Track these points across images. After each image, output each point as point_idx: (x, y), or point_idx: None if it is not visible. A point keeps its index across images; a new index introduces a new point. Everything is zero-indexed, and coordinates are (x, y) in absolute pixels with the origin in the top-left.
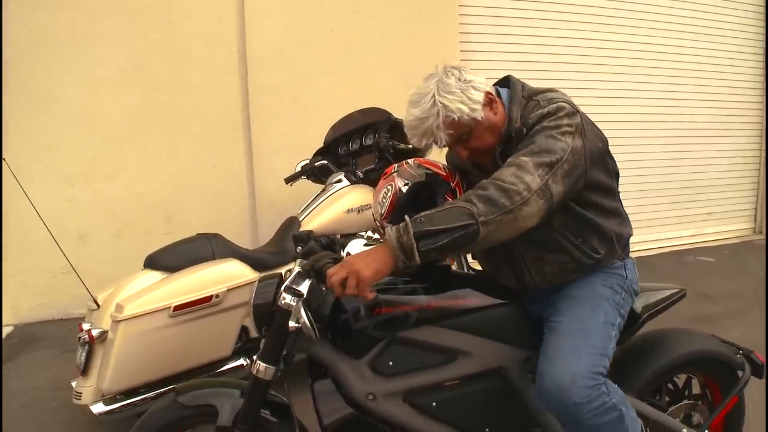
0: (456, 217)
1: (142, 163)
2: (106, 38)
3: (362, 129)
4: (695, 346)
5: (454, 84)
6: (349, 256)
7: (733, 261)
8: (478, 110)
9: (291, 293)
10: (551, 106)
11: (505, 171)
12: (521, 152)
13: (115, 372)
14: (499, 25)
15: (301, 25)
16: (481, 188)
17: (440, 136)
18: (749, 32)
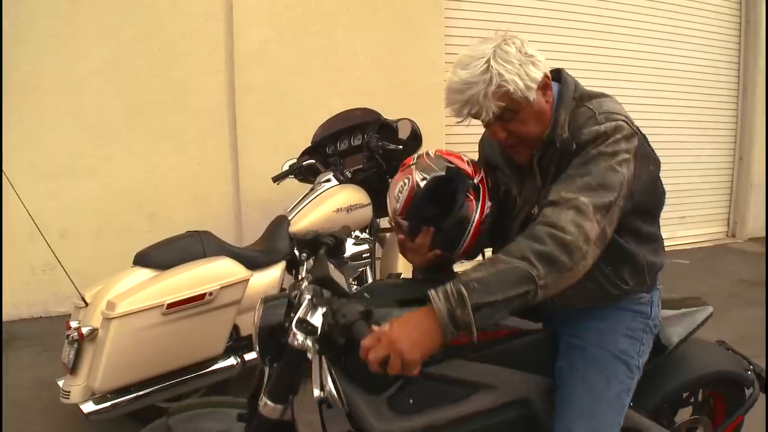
0: (515, 282)
1: (126, 160)
2: (91, 32)
3: (351, 129)
4: (714, 366)
5: (513, 53)
6: (389, 328)
7: (708, 263)
8: (533, 89)
9: (304, 330)
10: (609, 124)
11: (563, 215)
12: (577, 185)
13: (106, 370)
14: (484, 29)
15: (287, 25)
16: (537, 240)
17: (487, 106)
18: (725, 43)
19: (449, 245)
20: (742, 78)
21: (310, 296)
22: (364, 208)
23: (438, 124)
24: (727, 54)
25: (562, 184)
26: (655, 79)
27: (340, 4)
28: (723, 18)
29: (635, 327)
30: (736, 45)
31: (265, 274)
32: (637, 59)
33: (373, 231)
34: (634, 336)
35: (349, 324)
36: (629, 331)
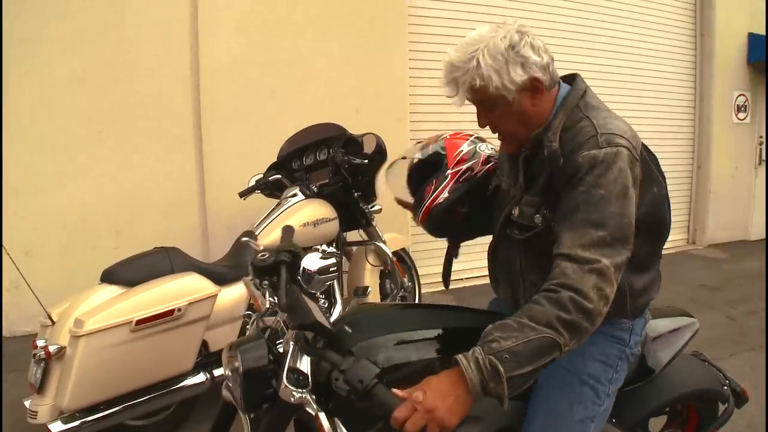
0: (544, 352)
1: (91, 176)
2: (56, 46)
3: (316, 144)
4: (695, 383)
5: (503, 50)
6: (422, 397)
7: (669, 270)
8: (511, 91)
9: (295, 383)
10: (609, 150)
11: (586, 280)
12: (592, 238)
13: (75, 388)
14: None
15: (253, 40)
16: (563, 308)
17: (461, 93)
18: (681, 55)
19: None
20: (698, 89)
21: (295, 343)
22: (331, 222)
23: (403, 138)
24: (683, 66)
25: (574, 231)
26: (614, 91)
27: (306, 19)
28: (679, 32)
29: (610, 353)
30: (692, 57)
31: (233, 289)
32: (596, 72)
33: (340, 245)
34: (607, 362)
35: (369, 389)
36: (602, 356)
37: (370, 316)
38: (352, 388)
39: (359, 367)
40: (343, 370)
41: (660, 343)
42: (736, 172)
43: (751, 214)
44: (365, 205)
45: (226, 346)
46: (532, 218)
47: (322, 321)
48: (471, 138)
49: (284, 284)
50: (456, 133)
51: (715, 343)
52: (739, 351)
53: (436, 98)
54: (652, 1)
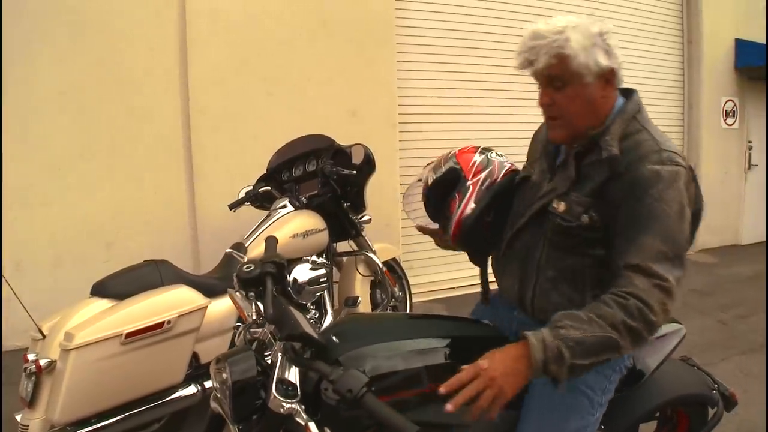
0: (605, 350)
1: (82, 190)
2: (44, 61)
3: (306, 155)
4: (684, 388)
5: (594, 33)
6: (488, 364)
7: None
8: (591, 71)
9: (284, 394)
10: (671, 168)
11: (655, 295)
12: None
13: (66, 402)
14: (436, 54)
15: (242, 52)
16: (630, 315)
17: (543, 59)
18: (669, 62)
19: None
20: (686, 95)
21: (283, 354)
22: (320, 233)
23: (392, 148)
24: (671, 72)
25: (639, 243)
26: None
27: (294, 30)
28: (666, 39)
29: (605, 364)
30: (680, 64)
31: (223, 301)
32: None
33: (330, 255)
34: (603, 373)
35: (358, 398)
36: (599, 367)
37: (358, 326)
38: (341, 398)
39: (348, 376)
40: (333, 380)
41: (648, 349)
42: (726, 177)
43: (741, 218)
44: (355, 216)
45: (214, 359)
46: (579, 216)
47: (309, 332)
48: (479, 149)
49: (270, 295)
50: (462, 148)
51: (706, 348)
52: (730, 355)
53: (424, 108)
54: (639, 9)
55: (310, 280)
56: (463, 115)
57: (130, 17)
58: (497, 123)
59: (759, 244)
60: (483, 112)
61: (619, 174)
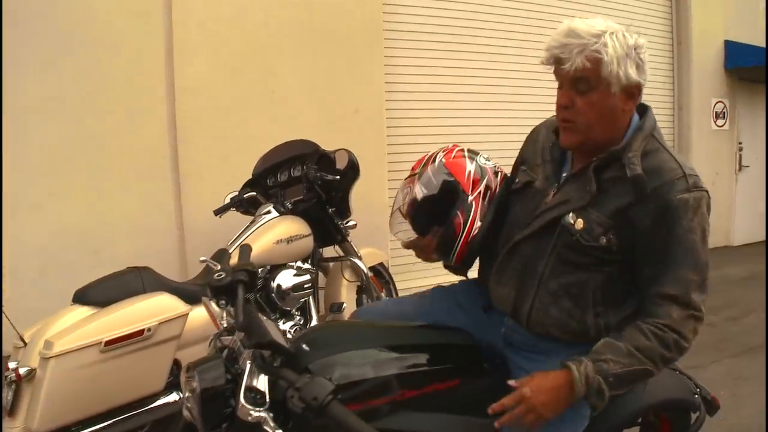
0: (640, 378)
1: (68, 197)
2: (29, 68)
3: (290, 161)
4: (664, 393)
5: (630, 44)
6: (530, 392)
7: None
8: (619, 82)
9: (253, 401)
10: (697, 194)
11: (688, 325)
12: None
13: (45, 410)
14: (424, 58)
15: (227, 60)
16: (667, 347)
17: (576, 59)
18: (659, 64)
19: (443, 255)
20: (676, 97)
21: (252, 362)
22: (305, 238)
23: (380, 153)
24: (661, 74)
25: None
26: None
27: (279, 36)
28: (655, 41)
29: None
30: (669, 65)
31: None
32: None
33: (316, 261)
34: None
35: (324, 406)
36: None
37: (329, 333)
38: (307, 406)
39: (314, 384)
40: (298, 388)
41: None
42: (717, 179)
43: (732, 219)
44: (340, 221)
45: (184, 367)
46: (598, 238)
47: (278, 340)
48: (465, 152)
49: (241, 303)
50: (446, 150)
51: (695, 351)
52: (721, 358)
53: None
54: (628, 11)
55: (294, 286)
56: (451, 118)
57: (117, 25)
58: (486, 126)
59: (751, 245)
60: (472, 116)
61: (645, 197)
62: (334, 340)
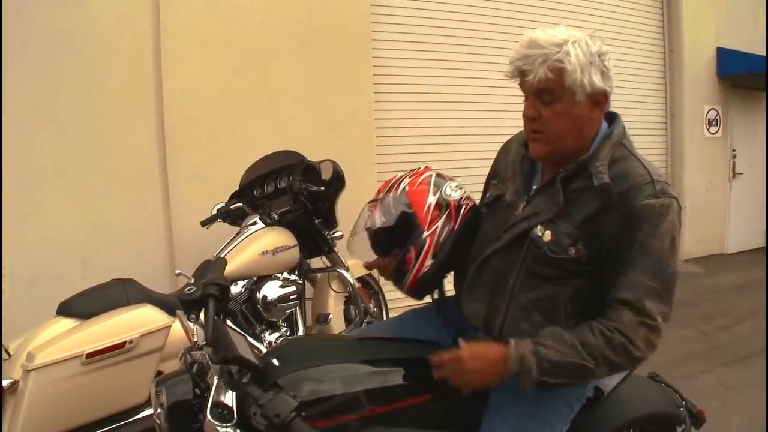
0: (579, 375)
1: (57, 207)
2: (18, 77)
3: (276, 172)
4: (648, 407)
5: (593, 52)
6: (466, 356)
7: None
8: (584, 91)
9: (219, 418)
10: (664, 201)
11: (639, 332)
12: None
13: (26, 423)
14: (413, 67)
15: (217, 67)
16: (613, 349)
17: (538, 70)
18: (651, 72)
19: (396, 281)
20: (668, 104)
21: (219, 377)
22: (291, 249)
23: (370, 162)
24: (653, 82)
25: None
26: None
27: (269, 45)
28: (647, 48)
29: (570, 391)
30: (662, 73)
31: None
32: None
33: (303, 272)
34: (568, 401)
35: (286, 423)
36: (565, 394)
37: (300, 348)
38: (269, 423)
39: (277, 400)
40: (261, 405)
41: None
42: (711, 186)
43: (727, 227)
44: (327, 232)
45: (153, 382)
46: (566, 249)
47: (245, 355)
48: (431, 179)
49: (212, 318)
50: (413, 175)
51: (686, 360)
52: (712, 368)
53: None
54: (620, 19)
55: (280, 297)
56: (441, 127)
57: (104, 33)
58: (475, 135)
59: (745, 252)
60: (461, 124)
61: (612, 204)
62: (304, 354)
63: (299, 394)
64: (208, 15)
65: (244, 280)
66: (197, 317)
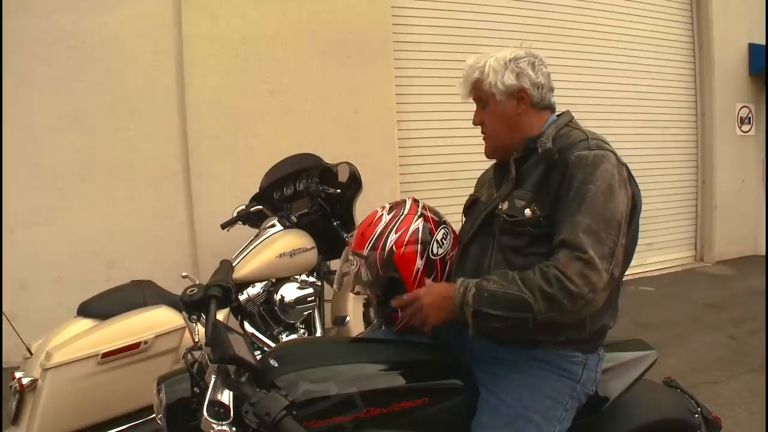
0: (517, 308)
1: (83, 210)
2: (45, 86)
3: (295, 174)
4: (658, 413)
5: (507, 60)
6: (423, 295)
7: (673, 290)
8: (500, 91)
9: (215, 415)
10: (598, 152)
11: (572, 266)
12: (582, 228)
13: (43, 420)
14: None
15: (238, 74)
16: (547, 281)
17: (465, 86)
18: (681, 69)
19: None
20: (699, 102)
21: (216, 376)
22: (308, 251)
23: (391, 164)
24: (683, 80)
25: (567, 222)
26: (616, 109)
27: (289, 49)
28: (676, 45)
29: (560, 389)
30: (692, 70)
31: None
32: (597, 91)
33: (321, 274)
34: (556, 399)
35: (276, 421)
36: (552, 392)
37: (298, 349)
38: (260, 421)
39: (268, 399)
40: (253, 403)
41: (611, 374)
42: (743, 186)
43: (761, 227)
44: (345, 234)
45: (155, 380)
46: (522, 211)
47: (243, 355)
48: (418, 234)
49: (212, 318)
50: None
51: (713, 365)
52: (739, 373)
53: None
54: (649, 17)
55: (298, 299)
56: (462, 129)
57: (128, 42)
58: None
59: None
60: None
61: (553, 163)
62: (302, 355)
63: (293, 393)
64: (229, 24)
65: (263, 282)
66: (198, 318)
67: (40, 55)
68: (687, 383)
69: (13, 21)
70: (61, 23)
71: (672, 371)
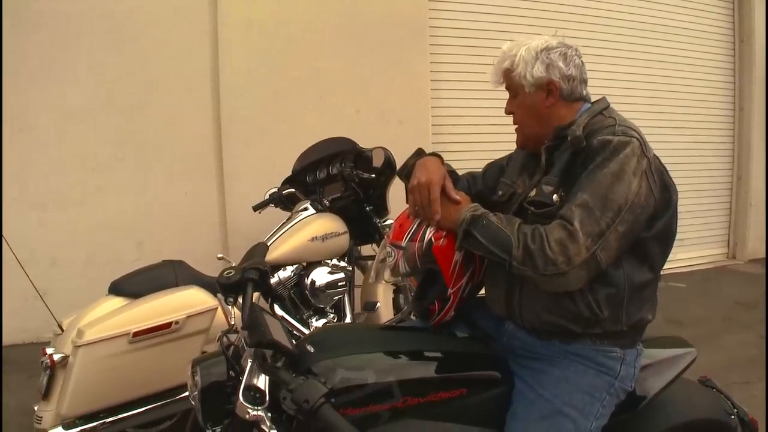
0: (500, 244)
1: (114, 190)
2: (79, 66)
3: (329, 158)
4: (694, 413)
5: (538, 50)
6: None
7: (704, 286)
8: (529, 82)
9: (251, 400)
10: (622, 138)
11: (555, 232)
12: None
13: (73, 396)
14: (471, 55)
15: (272, 56)
16: (532, 236)
17: (497, 74)
18: (719, 63)
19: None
20: (737, 97)
21: (253, 361)
22: (341, 236)
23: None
24: (722, 74)
25: (571, 195)
26: (651, 101)
27: (324, 34)
28: (717, 38)
29: (598, 384)
30: (731, 64)
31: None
32: (632, 82)
33: (353, 259)
34: (594, 395)
35: (314, 409)
36: (590, 387)
37: (336, 335)
38: (298, 408)
39: (307, 386)
40: (291, 389)
41: (649, 371)
42: None
43: None
44: (378, 219)
45: (190, 362)
46: (550, 196)
47: (280, 340)
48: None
49: (249, 301)
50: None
51: (744, 365)
52: None
53: (458, 110)
54: (687, 7)
55: (329, 283)
56: (496, 117)
57: (163, 25)
58: None
59: None
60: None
61: (581, 149)
62: (339, 342)
63: (331, 381)
64: (264, 9)
65: (294, 266)
66: (235, 301)
67: (74, 36)
68: (719, 383)
69: (45, 2)
70: (94, 4)
71: (704, 370)
